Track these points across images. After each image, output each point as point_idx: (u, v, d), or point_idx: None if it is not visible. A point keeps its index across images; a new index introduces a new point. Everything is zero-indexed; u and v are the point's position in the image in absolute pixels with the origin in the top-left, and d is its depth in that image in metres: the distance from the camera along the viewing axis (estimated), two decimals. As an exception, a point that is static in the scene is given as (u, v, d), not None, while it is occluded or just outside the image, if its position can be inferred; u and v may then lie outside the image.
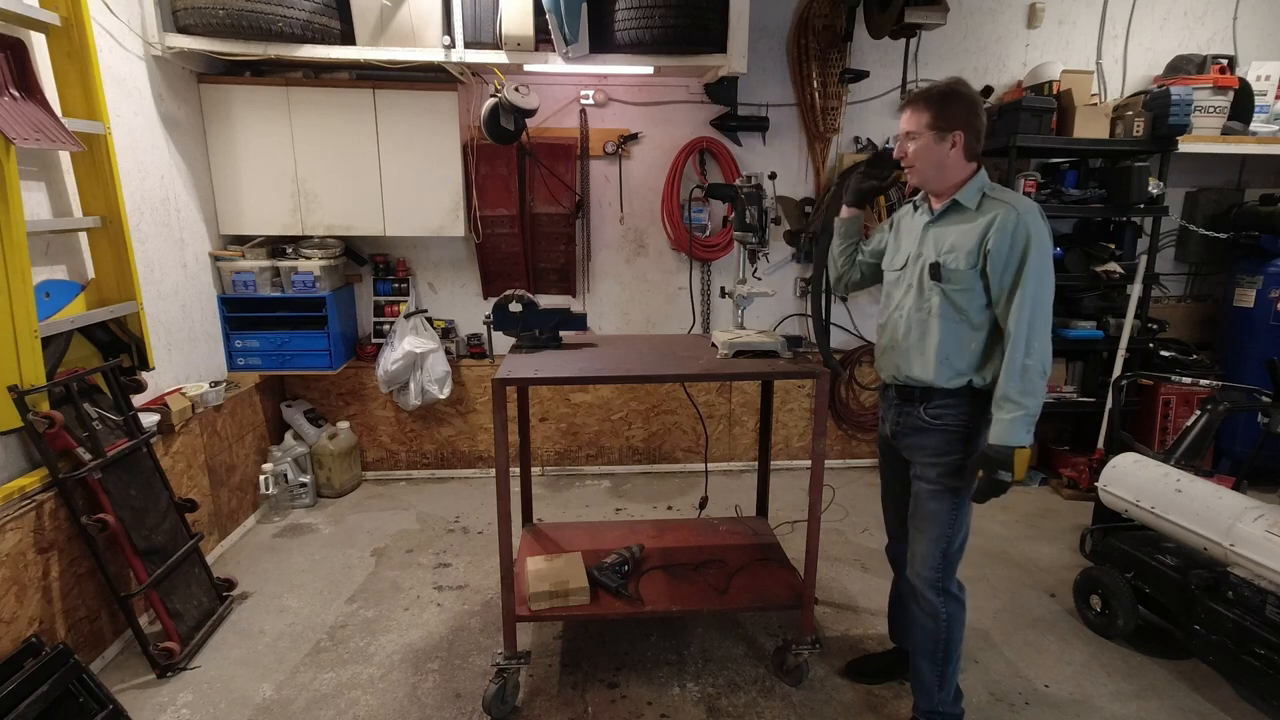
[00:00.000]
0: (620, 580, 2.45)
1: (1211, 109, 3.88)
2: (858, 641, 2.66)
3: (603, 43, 3.30)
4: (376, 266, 4.04)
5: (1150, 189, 3.73)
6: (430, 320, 3.99)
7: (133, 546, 2.43)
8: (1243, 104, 3.92)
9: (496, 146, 3.60)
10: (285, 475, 3.68)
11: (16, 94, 2.24)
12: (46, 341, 2.28)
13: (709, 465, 3.64)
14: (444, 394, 3.90)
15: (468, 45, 3.23)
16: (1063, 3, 4.09)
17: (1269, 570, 2.18)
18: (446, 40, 3.19)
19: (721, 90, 3.95)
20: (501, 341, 2.94)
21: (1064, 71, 3.76)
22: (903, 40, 3.87)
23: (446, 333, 4.09)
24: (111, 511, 2.37)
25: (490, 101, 3.29)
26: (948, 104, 1.89)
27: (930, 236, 1.98)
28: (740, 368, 2.31)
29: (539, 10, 3.14)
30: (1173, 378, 3.46)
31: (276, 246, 3.69)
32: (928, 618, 2.06)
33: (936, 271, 1.93)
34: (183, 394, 3.03)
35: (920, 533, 2.05)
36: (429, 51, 3.21)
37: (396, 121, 3.55)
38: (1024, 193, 3.77)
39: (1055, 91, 3.73)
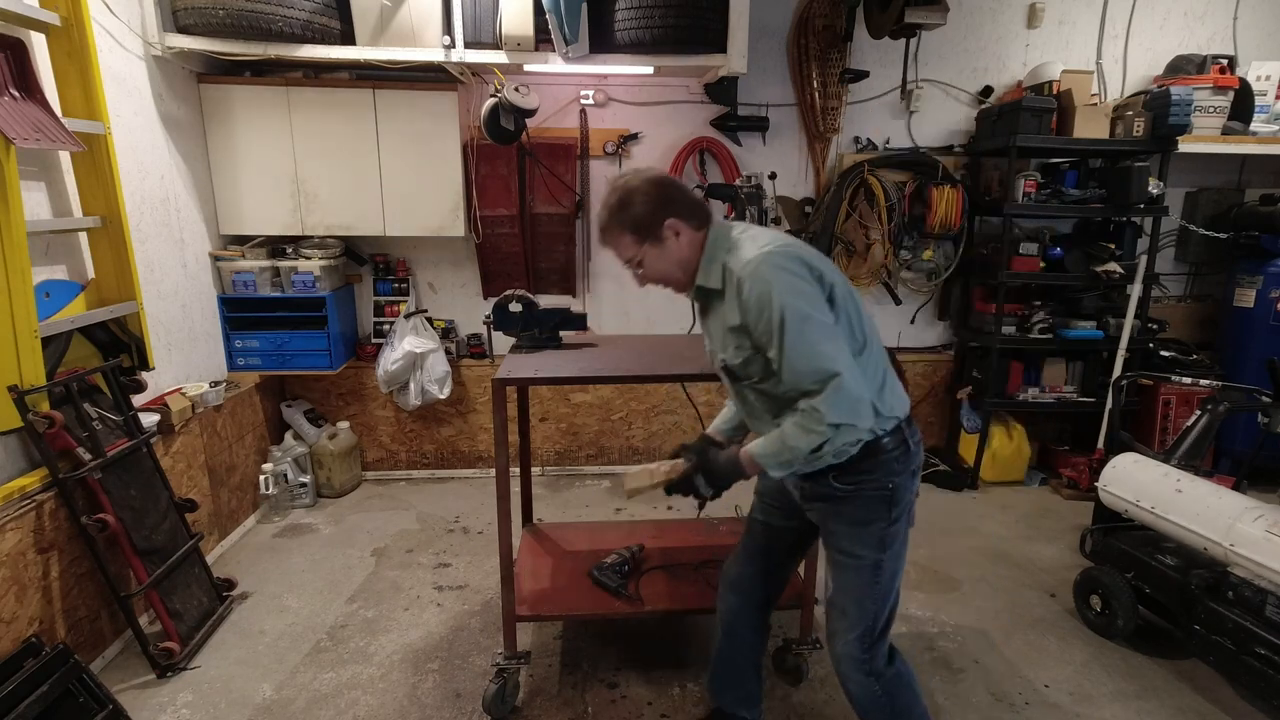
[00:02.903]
0: (620, 580, 2.44)
1: (1211, 109, 3.88)
2: (858, 641, 2.66)
3: (603, 43, 3.30)
4: (376, 266, 4.04)
5: (1150, 189, 3.72)
6: (430, 320, 3.99)
7: (133, 546, 2.43)
8: (1243, 104, 3.91)
9: (496, 146, 3.60)
10: (285, 475, 3.68)
11: (16, 94, 2.24)
12: (46, 341, 2.28)
13: (709, 465, 3.63)
14: (444, 394, 3.90)
15: (468, 45, 3.23)
16: (1063, 3, 4.08)
17: (1269, 570, 2.18)
18: (446, 40, 3.19)
19: (721, 90, 3.94)
20: (501, 341, 2.93)
21: (1064, 71, 3.75)
22: (903, 40, 3.87)
23: (446, 333, 4.09)
24: (111, 511, 2.37)
25: (490, 101, 3.29)
26: (631, 209, 1.62)
27: (708, 331, 1.76)
28: (740, 368, 2.30)
29: (539, 10, 3.14)
30: (1173, 378, 3.46)
31: (276, 246, 3.70)
32: (864, 697, 1.75)
33: (731, 373, 1.70)
34: (183, 394, 3.04)
35: (841, 613, 1.73)
36: (429, 51, 3.21)
37: (396, 121, 3.55)
38: (1024, 193, 3.75)
39: (1055, 91, 3.72)
